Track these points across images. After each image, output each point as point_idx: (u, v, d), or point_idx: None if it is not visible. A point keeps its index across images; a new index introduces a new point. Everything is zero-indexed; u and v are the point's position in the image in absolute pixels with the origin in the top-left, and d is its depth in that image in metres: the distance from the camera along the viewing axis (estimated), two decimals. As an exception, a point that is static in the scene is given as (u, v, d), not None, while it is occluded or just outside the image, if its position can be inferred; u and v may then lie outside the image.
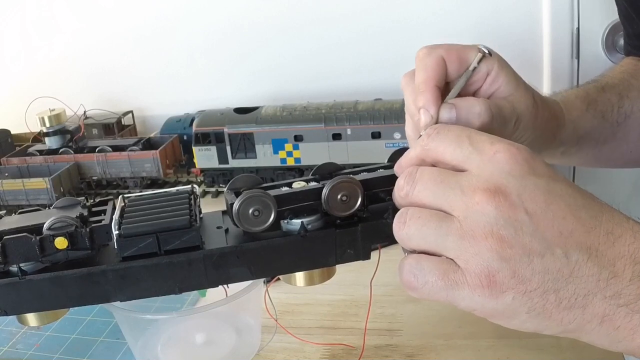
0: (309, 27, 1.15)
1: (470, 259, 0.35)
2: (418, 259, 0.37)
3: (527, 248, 0.34)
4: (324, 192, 0.44)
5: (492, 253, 0.35)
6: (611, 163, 0.68)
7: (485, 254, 0.35)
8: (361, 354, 0.59)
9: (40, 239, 0.42)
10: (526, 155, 0.37)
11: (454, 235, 0.36)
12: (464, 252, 0.35)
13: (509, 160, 0.36)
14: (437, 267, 0.37)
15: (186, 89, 1.25)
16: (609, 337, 0.35)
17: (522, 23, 1.07)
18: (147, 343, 0.61)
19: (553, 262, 0.34)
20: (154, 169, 1.04)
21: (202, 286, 0.45)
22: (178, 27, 1.21)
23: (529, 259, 0.34)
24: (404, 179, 0.39)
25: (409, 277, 0.38)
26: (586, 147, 0.62)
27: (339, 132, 0.95)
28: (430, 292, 0.37)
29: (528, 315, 0.35)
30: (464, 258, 0.35)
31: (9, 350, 0.65)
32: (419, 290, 0.37)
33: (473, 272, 0.35)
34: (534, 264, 0.34)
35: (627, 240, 0.35)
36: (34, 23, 1.27)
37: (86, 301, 0.44)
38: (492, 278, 0.35)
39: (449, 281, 0.36)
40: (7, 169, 1.06)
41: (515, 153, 0.36)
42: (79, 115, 1.17)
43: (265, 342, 0.63)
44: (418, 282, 0.37)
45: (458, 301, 0.37)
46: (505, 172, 0.36)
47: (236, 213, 0.43)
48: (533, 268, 0.34)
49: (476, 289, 0.35)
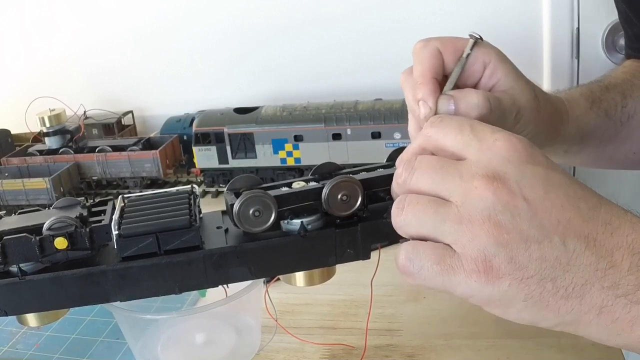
0: (309, 27, 1.15)
1: (466, 244, 0.35)
2: (415, 245, 0.37)
3: (525, 234, 0.34)
4: (324, 191, 0.44)
5: (489, 238, 0.34)
6: (614, 164, 0.68)
7: (482, 238, 0.35)
8: (363, 354, 0.59)
9: (40, 239, 0.42)
10: (526, 145, 0.37)
11: (451, 221, 0.36)
12: (461, 237, 0.35)
13: (509, 148, 0.36)
14: (433, 252, 0.36)
15: (186, 89, 1.25)
16: (608, 330, 0.35)
17: (522, 23, 1.07)
18: (147, 343, 0.61)
19: (550, 249, 0.34)
20: (154, 169, 1.04)
21: (202, 286, 0.45)
22: (178, 27, 1.21)
23: (526, 246, 0.34)
24: (402, 166, 0.40)
25: (405, 262, 0.38)
26: (589, 146, 0.62)
27: (339, 132, 0.95)
28: (426, 278, 0.37)
29: (524, 303, 0.35)
30: (461, 243, 0.35)
31: (9, 350, 0.65)
32: (415, 276, 0.37)
33: (469, 257, 0.35)
34: (531, 251, 0.34)
35: (625, 232, 0.35)
36: (34, 23, 1.27)
37: (86, 301, 0.44)
38: (488, 263, 0.35)
39: (445, 266, 0.36)
40: (7, 169, 1.06)
41: (515, 142, 0.36)
42: (79, 115, 1.17)
43: (265, 342, 0.63)
44: (414, 267, 0.37)
45: (454, 287, 0.36)
46: (504, 159, 0.36)
47: (236, 213, 0.43)
48: (530, 255, 0.34)
49: (472, 274, 0.35)
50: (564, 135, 0.57)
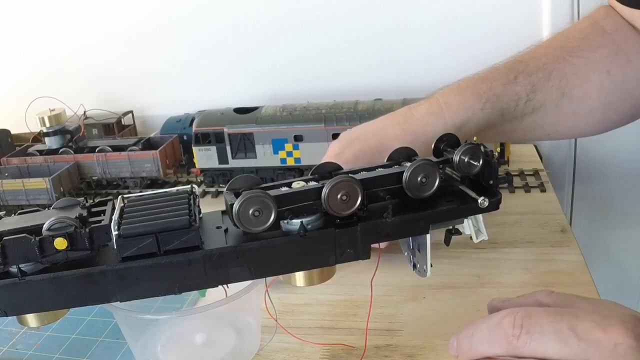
0: (309, 28, 1.15)
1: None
2: None
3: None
4: (324, 191, 0.44)
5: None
6: (534, 140, 0.71)
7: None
8: (363, 354, 0.59)
9: (39, 239, 0.42)
10: (637, 332, 0.34)
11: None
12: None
13: (633, 351, 0.33)
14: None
15: (186, 89, 1.25)
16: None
17: (522, 23, 1.07)
18: (147, 343, 0.61)
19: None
20: (154, 169, 1.04)
21: (201, 286, 0.45)
22: (178, 27, 1.21)
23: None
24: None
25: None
26: (500, 134, 0.63)
27: (339, 132, 0.95)
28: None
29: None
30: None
31: (9, 350, 0.65)
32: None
33: None
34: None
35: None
36: (34, 23, 1.27)
37: (86, 301, 0.44)
38: None
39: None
40: (7, 169, 1.06)
41: (632, 337, 0.34)
42: (79, 115, 1.17)
43: (265, 342, 0.63)
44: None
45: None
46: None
47: (236, 213, 0.43)
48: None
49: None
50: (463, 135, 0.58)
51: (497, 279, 0.70)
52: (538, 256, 0.74)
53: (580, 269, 0.70)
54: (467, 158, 0.47)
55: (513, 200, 0.88)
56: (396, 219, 0.45)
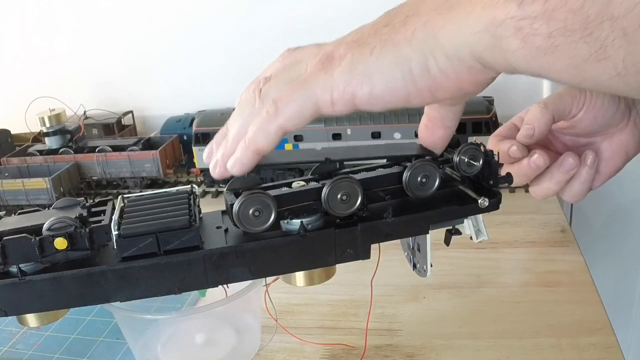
0: (310, 27, 1.15)
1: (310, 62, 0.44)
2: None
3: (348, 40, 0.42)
4: (324, 191, 0.44)
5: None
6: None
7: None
8: (363, 354, 0.59)
9: (40, 239, 0.42)
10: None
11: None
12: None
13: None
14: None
15: (186, 89, 1.25)
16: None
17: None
18: (147, 343, 0.61)
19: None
20: (154, 169, 1.04)
21: (202, 286, 0.45)
22: (178, 27, 1.21)
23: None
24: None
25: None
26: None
27: (339, 132, 0.95)
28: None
29: (376, 51, 0.39)
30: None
31: (9, 350, 0.65)
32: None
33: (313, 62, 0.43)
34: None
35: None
36: (34, 23, 1.27)
37: (86, 301, 0.44)
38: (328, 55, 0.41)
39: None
40: (7, 169, 1.06)
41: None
42: (79, 115, 1.17)
43: (265, 342, 0.63)
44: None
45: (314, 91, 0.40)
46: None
47: (236, 213, 0.43)
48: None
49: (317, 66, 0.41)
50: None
51: (497, 279, 0.70)
52: (538, 256, 0.74)
53: (580, 269, 0.70)
54: (467, 158, 0.47)
55: (513, 200, 0.88)
56: (396, 219, 0.45)
